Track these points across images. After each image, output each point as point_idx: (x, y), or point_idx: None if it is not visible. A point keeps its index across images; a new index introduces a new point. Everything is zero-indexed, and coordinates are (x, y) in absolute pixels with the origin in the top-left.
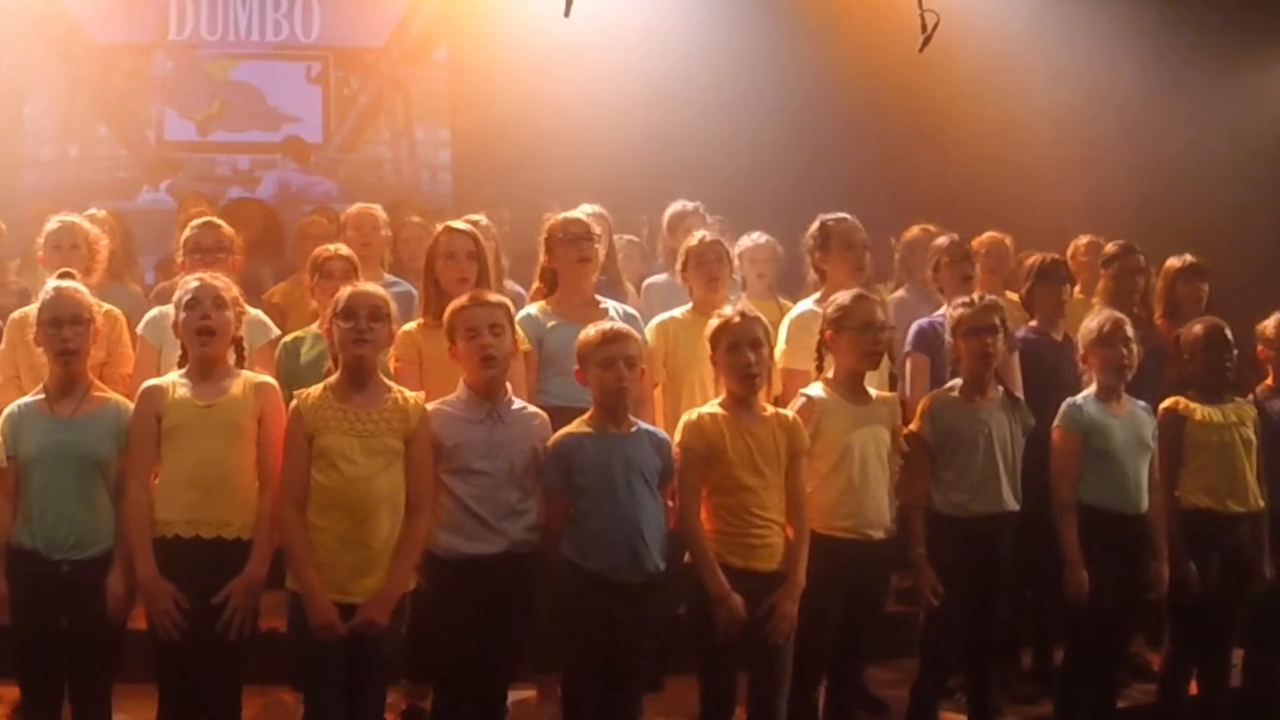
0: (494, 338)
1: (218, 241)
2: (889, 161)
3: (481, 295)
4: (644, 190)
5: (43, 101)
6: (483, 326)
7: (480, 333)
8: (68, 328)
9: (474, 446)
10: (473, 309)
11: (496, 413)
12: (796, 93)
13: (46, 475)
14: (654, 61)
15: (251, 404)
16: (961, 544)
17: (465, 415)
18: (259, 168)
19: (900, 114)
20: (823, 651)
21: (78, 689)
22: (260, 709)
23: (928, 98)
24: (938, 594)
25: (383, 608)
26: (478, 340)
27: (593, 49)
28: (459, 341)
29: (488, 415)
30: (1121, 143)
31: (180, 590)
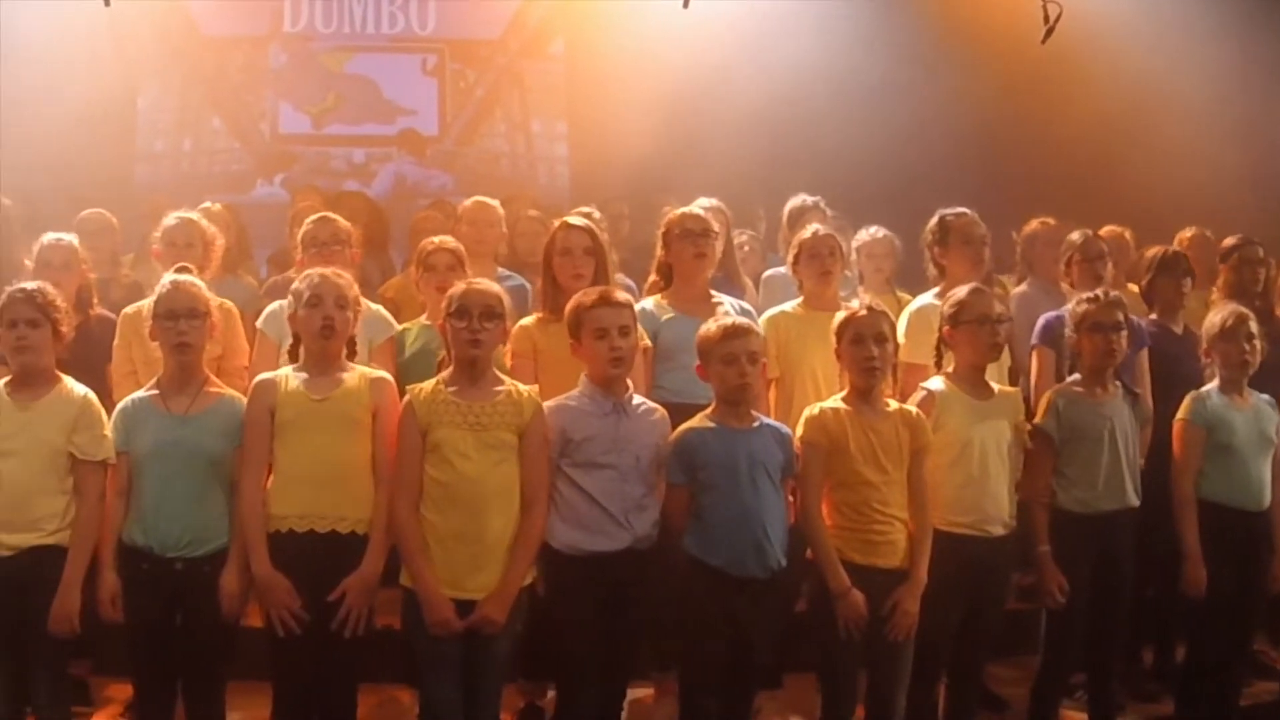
0: (622, 339)
1: (334, 235)
2: (1011, 154)
3: (610, 295)
4: (762, 185)
5: (156, 95)
6: (612, 327)
7: (610, 333)
8: (183, 321)
9: (601, 440)
10: (602, 309)
11: (621, 407)
12: (917, 85)
13: (160, 472)
14: (772, 54)
15: (366, 398)
16: (1084, 541)
17: (591, 409)
18: (374, 161)
19: (1022, 106)
20: (943, 649)
21: (191, 687)
22: (375, 707)
23: (1049, 89)
24: (1064, 592)
25: (500, 604)
26: (607, 341)
27: (711, 41)
28: (585, 339)
29: (613, 409)
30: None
31: (295, 586)
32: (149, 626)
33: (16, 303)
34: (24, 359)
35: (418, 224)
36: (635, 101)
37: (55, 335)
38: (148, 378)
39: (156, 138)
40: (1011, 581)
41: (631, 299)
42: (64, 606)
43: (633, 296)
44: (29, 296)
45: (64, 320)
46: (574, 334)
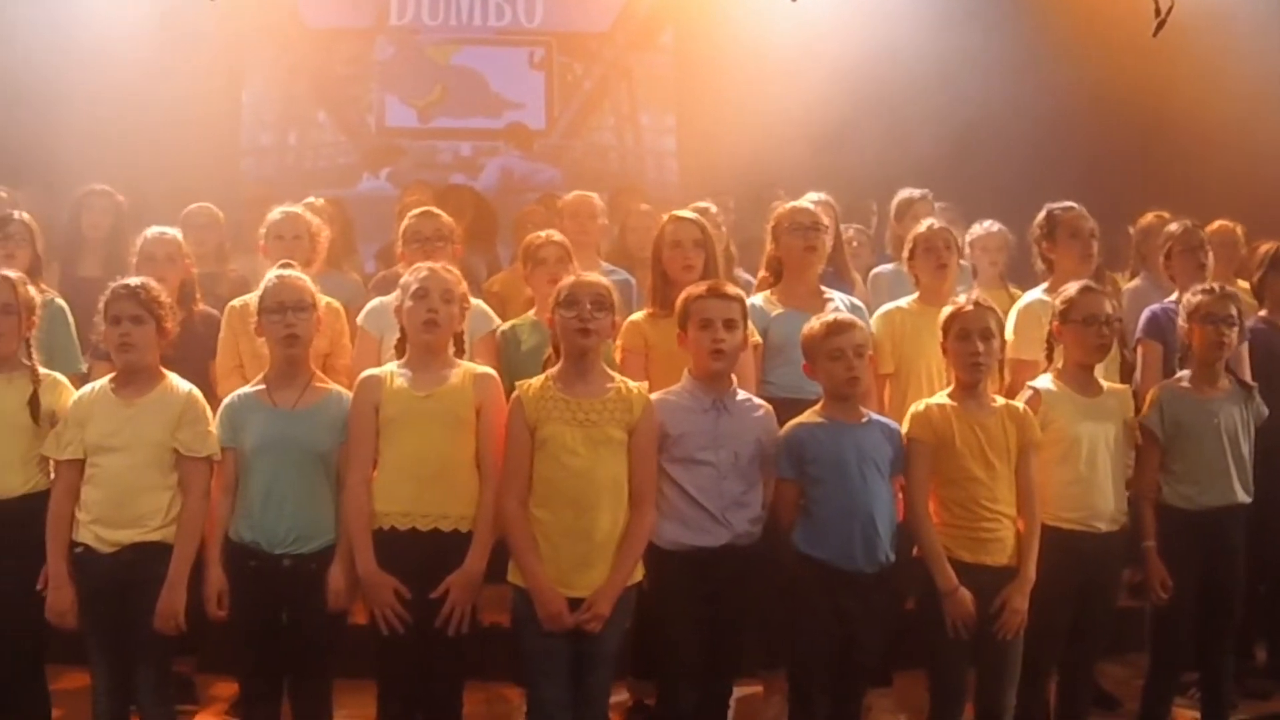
0: (727, 332)
1: (437, 231)
2: (1125, 148)
3: (720, 287)
4: (873, 177)
5: (261, 88)
6: (717, 319)
7: (714, 325)
8: (291, 313)
9: (699, 436)
10: (709, 300)
11: (722, 403)
12: (1028, 78)
13: (267, 468)
14: (882, 47)
15: (470, 395)
16: (1192, 537)
17: (690, 405)
18: (481, 155)
19: (1134, 99)
20: (1053, 646)
21: (297, 684)
22: (482, 704)
23: (1162, 82)
24: (1167, 588)
25: (608, 601)
26: (710, 332)
27: (820, 32)
28: (690, 330)
29: (713, 405)
30: None
31: (399, 584)
32: (255, 624)
33: (120, 299)
34: (128, 356)
35: (522, 219)
36: (744, 93)
37: (159, 331)
38: (254, 373)
39: (262, 131)
40: (1122, 578)
41: (742, 294)
42: (169, 604)
43: (748, 291)
44: (132, 292)
45: (168, 316)
46: (681, 324)
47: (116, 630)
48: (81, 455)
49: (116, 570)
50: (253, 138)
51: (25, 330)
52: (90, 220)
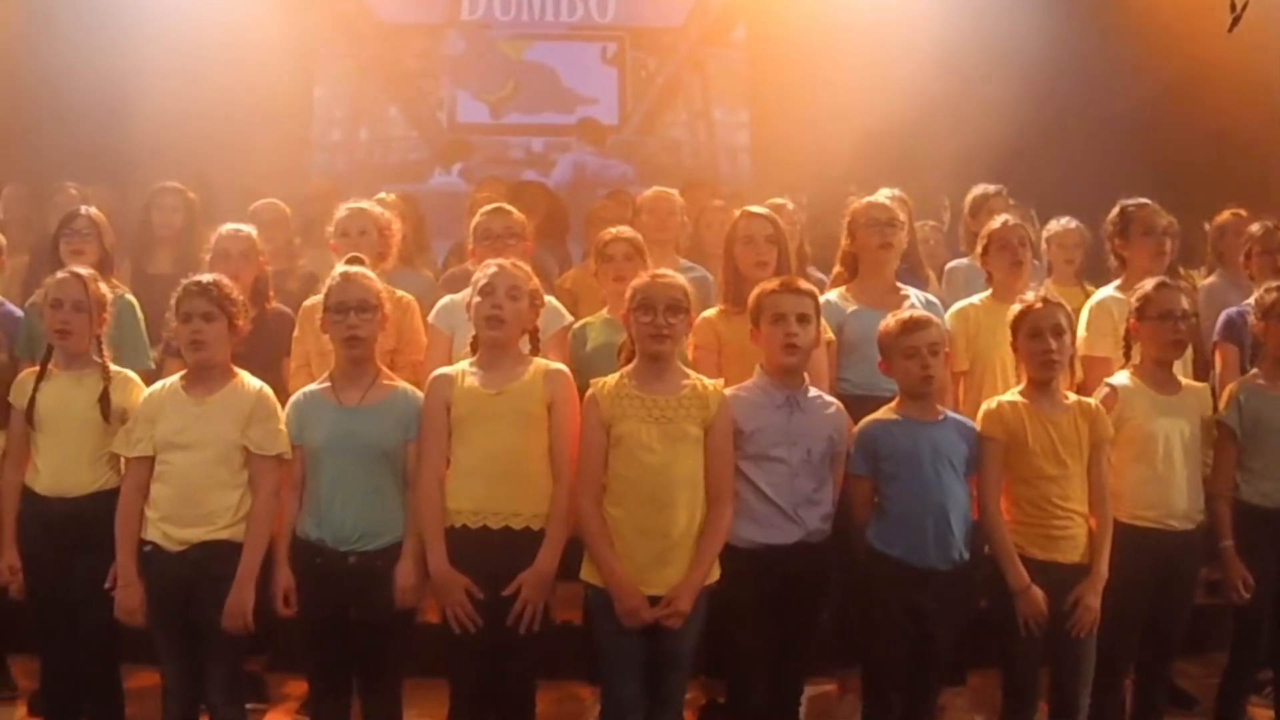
0: (800, 326)
1: (508, 228)
2: (1200, 144)
3: (793, 282)
4: (946, 173)
5: (332, 83)
6: (790, 314)
7: (787, 319)
8: (354, 314)
9: (772, 433)
10: (782, 294)
11: (795, 400)
12: (1102, 73)
13: (333, 465)
14: (956, 41)
15: (542, 392)
16: (1270, 535)
17: (763, 401)
18: (553, 150)
19: (1209, 95)
20: (1128, 645)
21: (367, 683)
22: (554, 703)
23: (1237, 78)
24: (1249, 586)
25: (689, 597)
26: (782, 327)
27: (894, 28)
28: (763, 325)
29: (786, 402)
30: None
31: (470, 582)
32: (322, 622)
33: (192, 295)
34: (199, 353)
35: (594, 214)
36: (818, 88)
37: (231, 329)
38: (321, 371)
39: (332, 127)
40: (1199, 577)
41: (815, 289)
42: (238, 602)
43: (821, 289)
44: (204, 289)
45: (240, 313)
46: (754, 320)
47: (185, 629)
48: (151, 452)
49: (185, 568)
50: (324, 133)
51: (96, 327)
52: (161, 217)
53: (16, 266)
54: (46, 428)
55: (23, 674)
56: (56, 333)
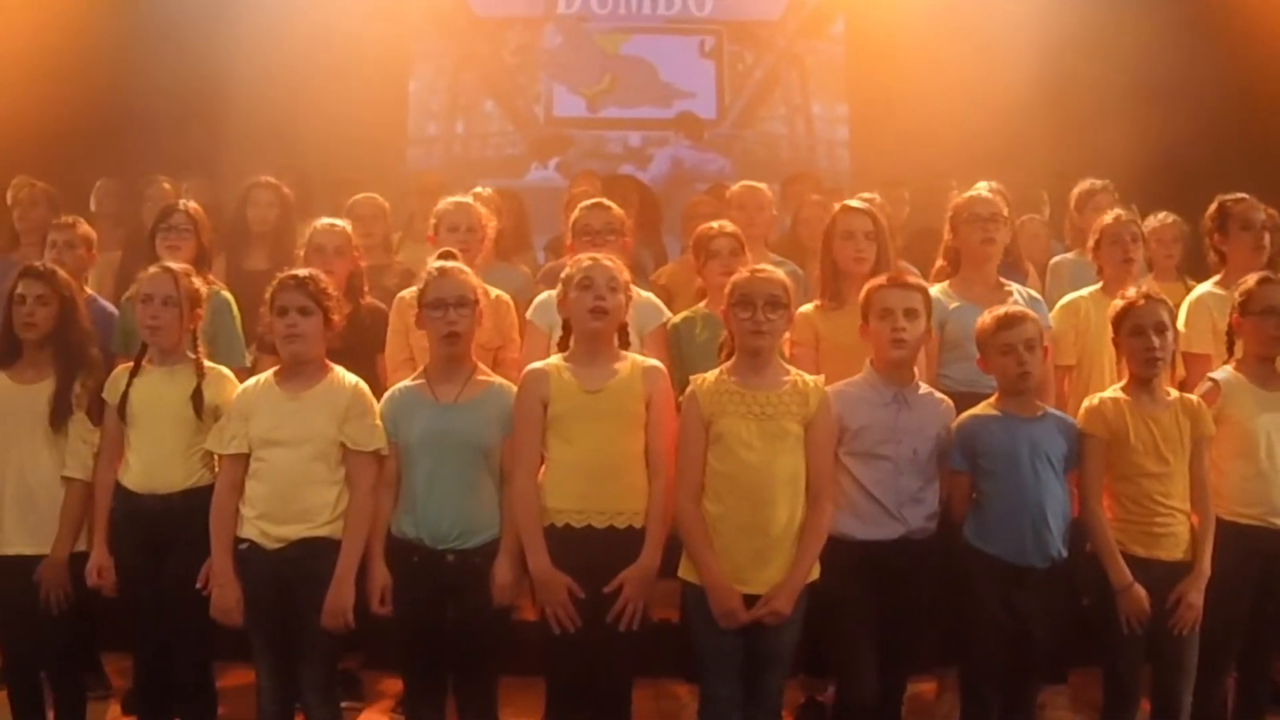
0: (908, 321)
1: (607, 224)
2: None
3: (901, 277)
4: (1045, 167)
5: (428, 77)
6: (898, 309)
7: (894, 314)
8: (452, 310)
9: (879, 430)
10: (889, 290)
11: (903, 396)
12: (1203, 67)
13: (429, 462)
14: (1055, 34)
15: (640, 388)
16: None
17: (870, 397)
18: (650, 145)
19: None
20: (1230, 642)
21: (463, 682)
22: (651, 701)
23: None
24: None
25: (788, 597)
26: (890, 321)
27: (994, 20)
28: (871, 320)
29: (894, 398)
30: None
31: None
32: (419, 620)
33: (287, 290)
34: (294, 348)
35: (690, 209)
36: (917, 82)
37: (326, 324)
38: (423, 365)
39: (428, 121)
40: None
41: (924, 284)
42: (338, 600)
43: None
44: (300, 284)
45: (335, 308)
46: (864, 315)
47: (282, 627)
48: (246, 450)
49: (282, 566)
50: (420, 128)
51: (189, 323)
52: (256, 213)
53: (109, 261)
54: (139, 424)
55: (116, 672)
56: (147, 328)
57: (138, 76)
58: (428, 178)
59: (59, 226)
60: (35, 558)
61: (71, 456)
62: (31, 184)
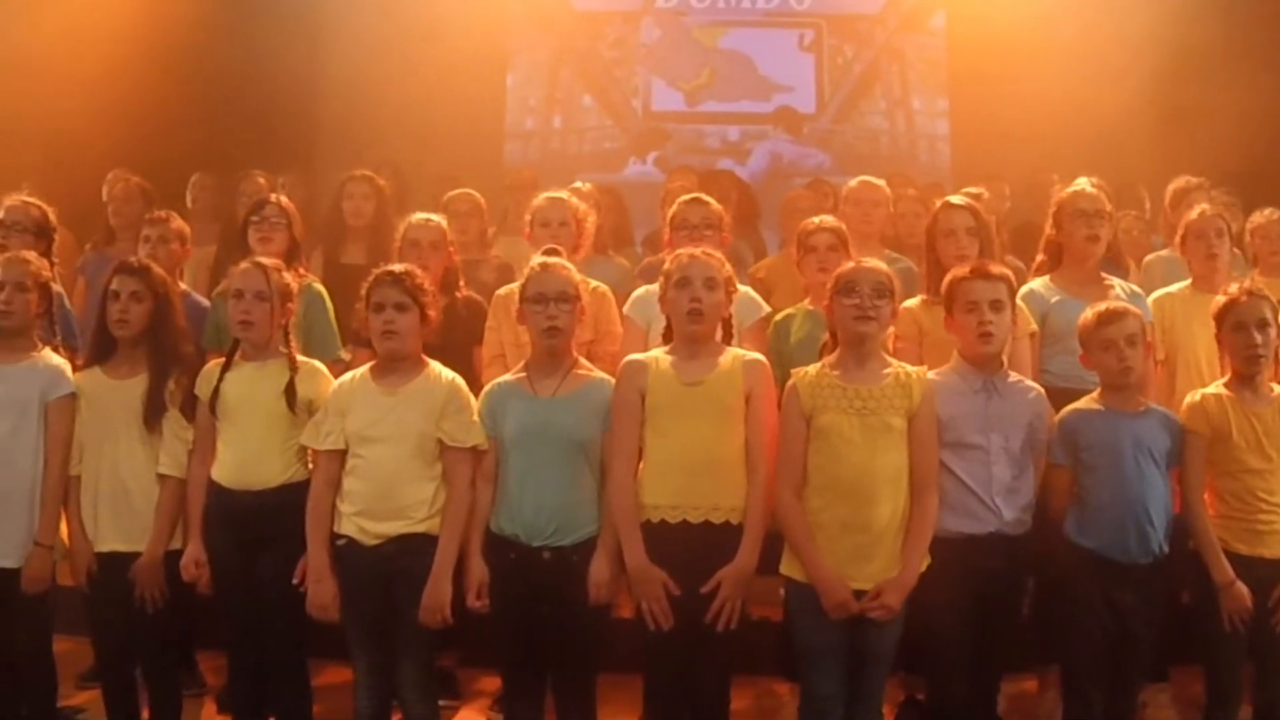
0: (994, 314)
1: (705, 218)
2: None
3: (984, 267)
4: (1145, 163)
5: (525, 71)
6: (983, 301)
7: (980, 307)
8: (553, 305)
9: (969, 419)
10: (974, 282)
11: (993, 384)
12: None
13: (527, 457)
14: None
15: (740, 382)
16: None
17: (960, 386)
18: (749, 139)
19: None
20: None
21: (560, 679)
22: (751, 700)
23: None
24: None
25: (899, 593)
26: (976, 315)
27: (1096, 14)
28: (956, 313)
29: (983, 386)
30: None
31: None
32: (517, 617)
33: (383, 285)
34: (390, 344)
35: (791, 203)
36: (1017, 76)
37: (422, 319)
38: (516, 361)
39: (526, 115)
40: None
41: (1009, 274)
42: (435, 596)
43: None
44: (396, 279)
45: (431, 303)
46: (948, 307)
47: (379, 624)
48: (342, 446)
49: (380, 563)
50: (517, 122)
51: (281, 317)
52: (352, 206)
53: (204, 256)
54: (231, 419)
55: (210, 670)
56: (239, 324)
57: (234, 71)
58: (521, 173)
59: (153, 221)
60: (130, 555)
61: (166, 453)
62: (126, 178)
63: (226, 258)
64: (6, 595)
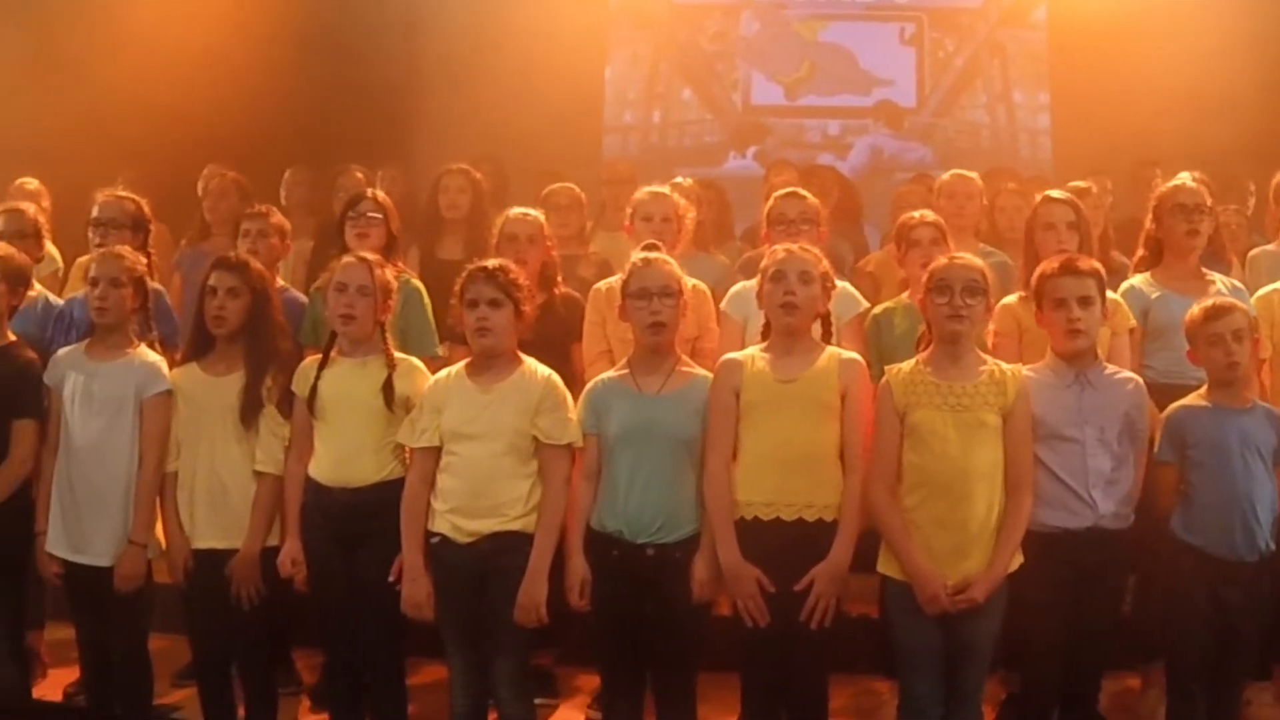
0: (1083, 309)
1: (802, 213)
2: None
3: (1072, 262)
4: (1252, 157)
5: (624, 65)
6: (1071, 297)
7: (1068, 303)
8: (657, 300)
9: (1063, 413)
10: (1062, 277)
11: (1086, 377)
12: None
13: (631, 454)
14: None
15: (835, 380)
16: None
17: (1052, 381)
18: (849, 133)
19: None
20: None
21: (660, 677)
22: (850, 698)
23: None
24: None
25: (985, 587)
26: (1065, 311)
27: (1199, 6)
28: (1045, 309)
29: (1076, 380)
30: None
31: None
32: (618, 615)
33: (477, 281)
34: (485, 341)
35: (898, 198)
36: (1120, 70)
37: (517, 315)
38: (621, 358)
39: (625, 109)
40: None
41: (1099, 268)
42: (531, 595)
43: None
44: (490, 275)
45: (526, 299)
46: (1038, 303)
47: (474, 622)
48: (437, 443)
49: (475, 561)
50: (616, 116)
51: (381, 313)
52: (448, 199)
53: (300, 251)
54: (329, 416)
55: (306, 668)
56: (340, 317)
57: (332, 64)
58: (619, 167)
59: (252, 216)
60: (227, 552)
61: (263, 450)
62: (221, 173)
63: (323, 253)
64: (101, 594)
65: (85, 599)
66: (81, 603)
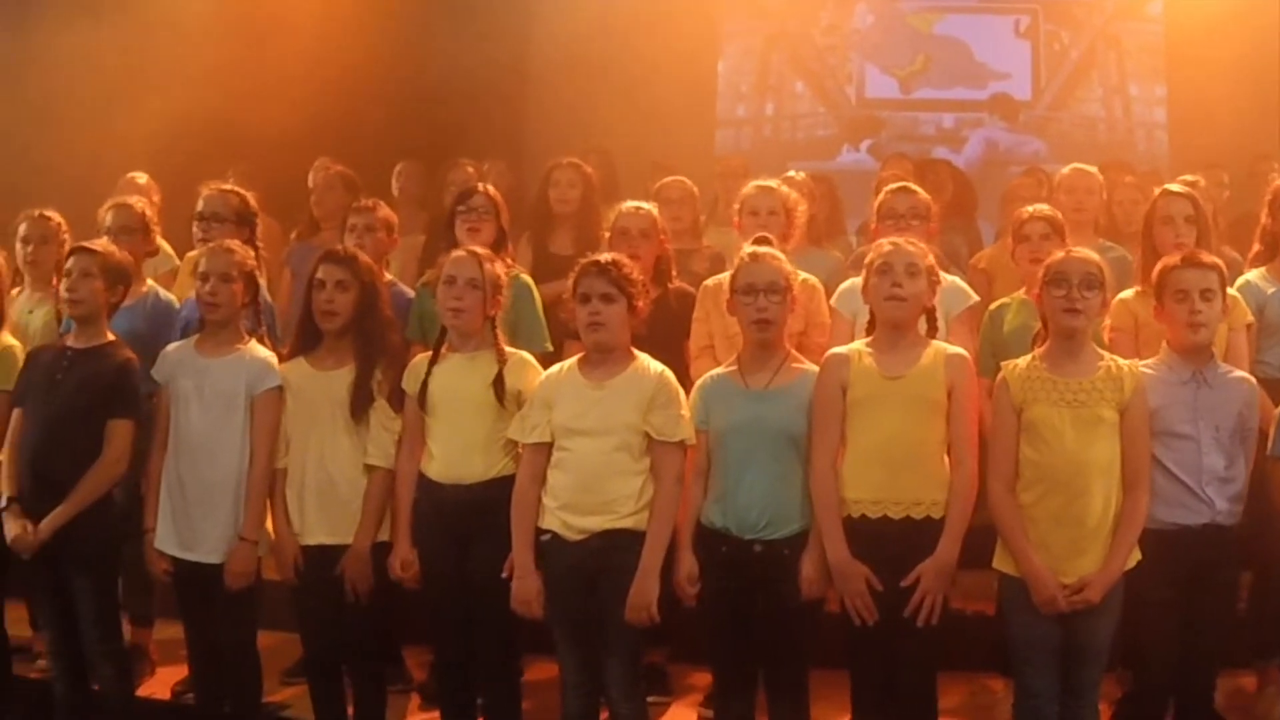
0: (1204, 303)
1: (912, 208)
2: None
3: (1195, 255)
4: None
5: (737, 58)
6: (1193, 290)
7: (1190, 297)
8: (763, 296)
9: (1178, 409)
10: (1184, 270)
11: (1201, 375)
12: None
13: (739, 450)
14: None
15: (941, 376)
16: None
17: (1168, 377)
18: (964, 126)
19: None
20: None
21: (773, 675)
22: (965, 696)
23: None
24: None
25: (1100, 586)
26: (1186, 304)
27: None
28: (1166, 302)
29: (1192, 377)
30: None
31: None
32: (728, 612)
33: (590, 276)
34: (597, 336)
35: (1011, 192)
36: (1237, 62)
37: (630, 310)
38: (724, 353)
39: (737, 102)
40: None
41: (1220, 263)
42: (642, 593)
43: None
44: (603, 269)
45: (639, 294)
46: (1158, 297)
47: (585, 620)
48: (549, 439)
49: (585, 558)
50: (728, 109)
51: (491, 308)
52: (558, 193)
53: (410, 245)
54: (439, 412)
55: (416, 665)
56: (450, 310)
57: (441, 57)
58: (731, 161)
59: (359, 210)
60: (337, 548)
61: (374, 444)
62: (329, 167)
63: (433, 247)
64: (210, 592)
65: (194, 597)
66: (190, 600)
